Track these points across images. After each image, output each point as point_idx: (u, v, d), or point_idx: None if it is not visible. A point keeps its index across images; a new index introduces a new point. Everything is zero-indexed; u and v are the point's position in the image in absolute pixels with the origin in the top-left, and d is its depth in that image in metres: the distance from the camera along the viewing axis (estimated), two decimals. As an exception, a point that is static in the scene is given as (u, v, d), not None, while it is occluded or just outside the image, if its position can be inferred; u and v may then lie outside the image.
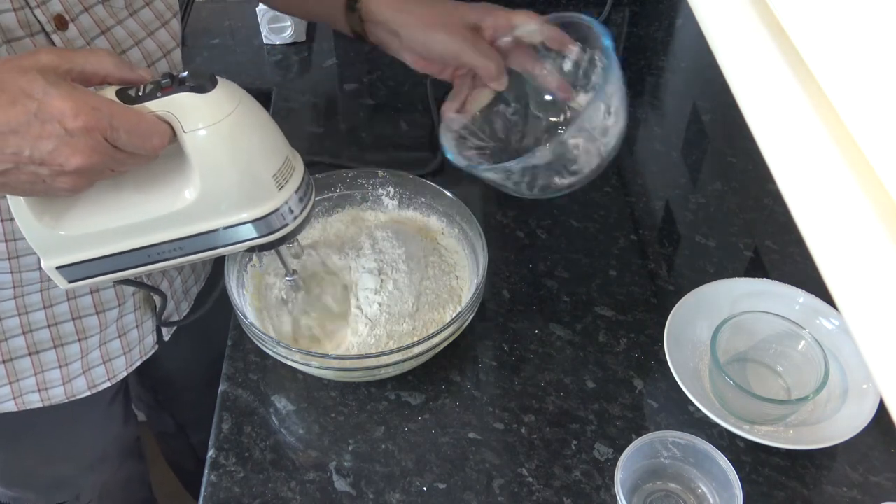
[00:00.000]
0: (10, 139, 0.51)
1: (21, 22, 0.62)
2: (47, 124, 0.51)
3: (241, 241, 0.63)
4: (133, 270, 0.64)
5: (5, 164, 0.52)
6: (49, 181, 0.53)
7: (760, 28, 0.38)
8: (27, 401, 0.84)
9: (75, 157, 0.52)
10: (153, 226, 0.60)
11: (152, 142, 0.54)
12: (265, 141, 0.60)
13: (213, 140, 0.56)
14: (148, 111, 0.54)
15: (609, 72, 0.71)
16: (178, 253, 0.63)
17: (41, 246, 0.61)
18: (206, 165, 0.57)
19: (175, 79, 0.55)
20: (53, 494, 1.02)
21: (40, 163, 0.52)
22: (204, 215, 0.60)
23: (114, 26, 0.70)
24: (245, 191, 0.60)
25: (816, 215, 0.32)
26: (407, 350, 0.74)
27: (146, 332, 0.90)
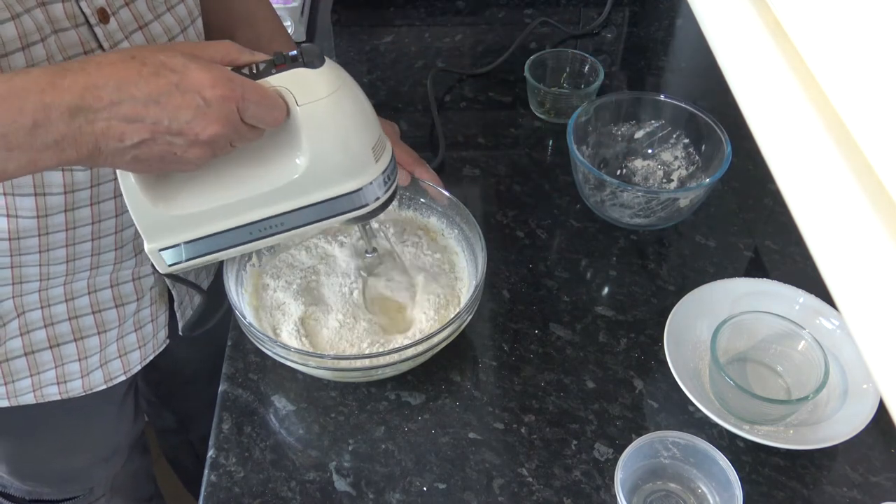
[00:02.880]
0: (151, 109, 0.53)
1: (68, 13, 0.64)
2: (187, 94, 0.54)
3: (339, 214, 0.66)
4: (231, 250, 0.67)
5: (143, 135, 0.54)
6: (180, 153, 0.56)
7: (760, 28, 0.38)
8: (46, 393, 0.84)
9: (211, 126, 0.55)
10: (260, 200, 0.63)
11: (274, 114, 0.58)
12: (367, 114, 0.64)
13: (325, 112, 0.60)
14: (269, 86, 0.58)
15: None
16: (280, 228, 0.66)
17: (150, 228, 0.64)
18: (316, 137, 0.61)
19: (287, 57, 0.59)
20: (67, 487, 1.03)
21: (177, 132, 0.54)
22: (310, 188, 0.63)
23: (151, 21, 0.72)
24: (349, 162, 0.63)
25: (816, 215, 0.32)
26: (404, 351, 0.74)
27: (159, 326, 0.91)
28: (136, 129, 0.54)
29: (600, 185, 0.92)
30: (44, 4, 0.62)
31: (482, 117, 1.15)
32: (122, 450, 1.04)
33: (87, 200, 0.73)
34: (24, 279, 0.76)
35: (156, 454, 1.30)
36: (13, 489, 1.00)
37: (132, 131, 0.54)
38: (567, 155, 0.97)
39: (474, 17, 1.34)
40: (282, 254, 0.87)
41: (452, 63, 1.23)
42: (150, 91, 0.53)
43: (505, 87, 1.19)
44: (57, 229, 0.73)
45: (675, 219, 0.95)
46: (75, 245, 0.75)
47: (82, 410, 0.92)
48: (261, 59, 0.60)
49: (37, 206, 0.70)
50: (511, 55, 1.22)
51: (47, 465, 0.99)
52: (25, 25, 0.61)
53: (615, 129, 1.03)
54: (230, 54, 0.59)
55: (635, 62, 1.28)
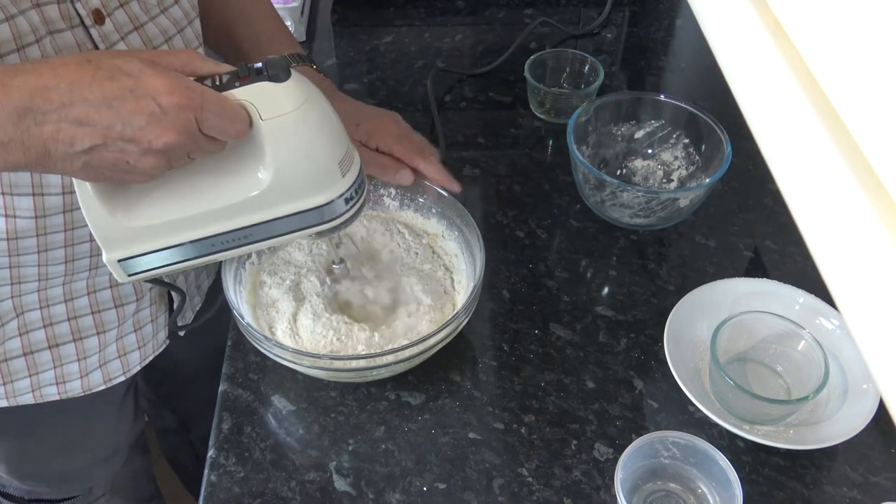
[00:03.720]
0: (103, 113, 0.52)
1: (63, 14, 0.64)
2: (142, 100, 0.52)
3: (304, 228, 0.65)
4: (195, 261, 0.65)
5: (94, 140, 0.53)
6: (133, 161, 0.54)
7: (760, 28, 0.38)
8: (45, 394, 0.84)
9: (166, 135, 0.53)
10: (222, 214, 0.62)
11: (235, 127, 0.56)
12: (333, 128, 0.62)
13: (289, 127, 0.58)
14: (232, 98, 0.56)
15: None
16: (243, 241, 0.64)
17: (107, 239, 0.62)
18: (281, 152, 0.59)
19: (251, 69, 0.58)
20: (66, 487, 1.03)
21: (130, 139, 0.53)
22: (274, 202, 0.62)
23: (146, 23, 0.72)
24: (314, 177, 0.62)
25: (816, 215, 0.32)
26: (400, 352, 0.73)
27: (159, 327, 0.91)
28: (86, 133, 0.52)
29: (600, 185, 0.92)
30: (38, 6, 0.62)
31: (482, 117, 1.15)
32: (121, 450, 1.04)
33: None
34: (23, 279, 0.76)
35: (156, 454, 1.30)
36: (12, 488, 1.00)
37: (83, 135, 0.52)
38: (567, 155, 0.97)
39: (474, 17, 1.34)
40: (280, 252, 0.87)
41: (452, 63, 1.23)
42: (103, 94, 0.51)
43: (505, 87, 1.19)
44: (55, 230, 0.73)
45: (675, 219, 0.95)
46: (74, 246, 0.75)
47: (82, 410, 0.92)
48: (224, 70, 0.58)
49: (35, 206, 0.70)
50: (511, 55, 1.22)
51: (47, 465, 0.99)
52: (20, 27, 0.60)
53: (615, 129, 1.03)
54: (192, 63, 0.57)
55: (635, 62, 1.28)
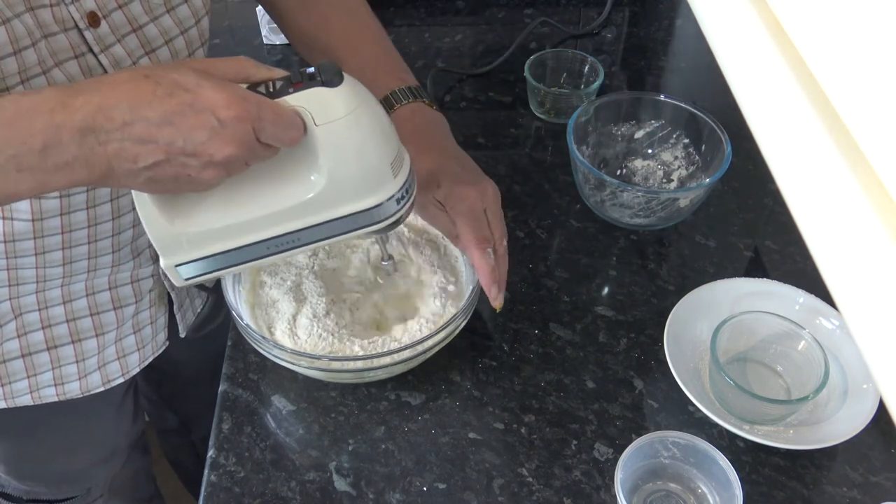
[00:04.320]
0: (164, 130, 0.52)
1: (56, 18, 0.64)
2: (202, 115, 0.52)
3: (356, 229, 0.65)
4: (247, 264, 0.66)
5: (157, 156, 0.53)
6: (195, 174, 0.55)
7: (760, 28, 0.38)
8: (43, 395, 0.84)
9: (226, 148, 0.53)
10: (276, 218, 0.63)
11: (291, 134, 0.57)
12: (385, 131, 0.63)
13: (343, 131, 0.59)
14: (286, 105, 0.57)
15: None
16: (296, 244, 0.65)
17: (165, 245, 0.63)
18: (334, 156, 0.60)
19: (304, 74, 0.58)
20: (65, 488, 1.03)
21: (191, 153, 0.53)
22: (327, 205, 0.63)
23: (147, 24, 0.71)
24: (367, 179, 0.62)
25: (816, 215, 0.32)
26: (398, 353, 0.74)
27: (159, 328, 0.91)
28: (149, 151, 0.53)
29: (600, 185, 0.92)
30: (32, 9, 0.61)
31: (482, 117, 1.14)
32: (120, 451, 1.04)
33: (84, 204, 0.72)
34: (21, 281, 0.76)
35: (156, 454, 1.30)
36: (11, 489, 1.00)
37: (146, 153, 0.53)
38: (567, 155, 0.97)
39: (474, 17, 1.34)
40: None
41: (452, 63, 1.23)
42: (163, 112, 0.52)
43: (505, 87, 1.19)
44: (52, 232, 0.73)
45: (675, 219, 0.95)
46: (72, 248, 0.75)
47: (80, 412, 0.92)
48: (277, 75, 0.59)
49: (32, 208, 0.70)
50: (511, 55, 1.22)
51: (45, 466, 0.99)
52: (16, 30, 0.60)
53: (615, 129, 1.03)
54: (245, 71, 0.58)
55: (635, 62, 1.28)
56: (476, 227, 0.73)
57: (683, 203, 0.91)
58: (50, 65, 0.63)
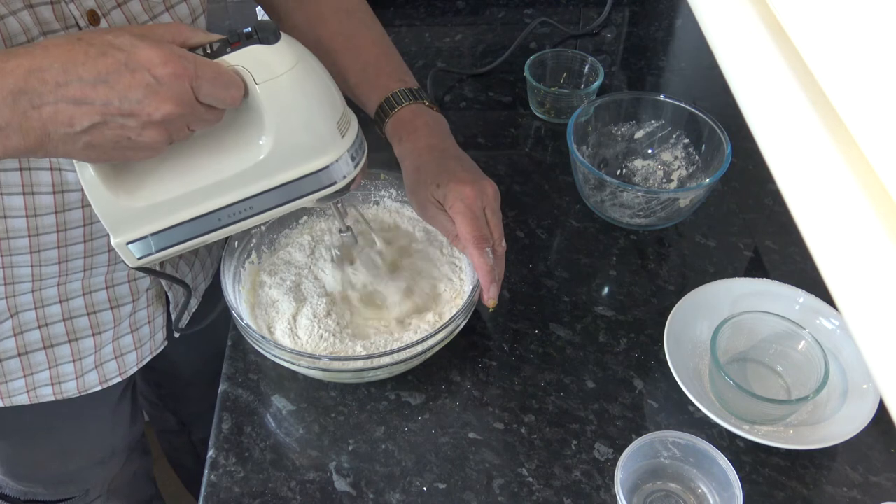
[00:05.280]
0: (99, 89, 0.52)
1: (56, 15, 0.64)
2: (137, 73, 0.52)
3: (308, 194, 0.65)
4: (203, 237, 0.65)
5: (93, 118, 0.52)
6: (134, 136, 0.54)
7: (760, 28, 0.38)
8: (40, 394, 0.84)
9: (164, 105, 0.53)
10: (226, 186, 0.62)
11: (231, 93, 0.56)
12: (329, 89, 0.62)
13: (284, 88, 0.58)
14: (226, 64, 0.56)
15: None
16: (248, 213, 0.64)
17: (114, 221, 0.62)
18: (278, 115, 0.59)
19: (241, 35, 0.58)
20: (63, 489, 1.02)
21: (129, 113, 0.53)
22: (276, 169, 0.62)
23: (146, 22, 0.71)
24: (314, 139, 0.62)
25: (816, 215, 0.32)
26: (398, 353, 0.73)
27: (157, 328, 0.90)
28: (85, 112, 0.52)
29: (600, 185, 0.92)
30: (31, 6, 0.61)
31: (482, 117, 1.15)
32: (118, 452, 1.04)
33: (79, 202, 0.72)
34: (17, 279, 0.75)
35: (156, 455, 1.30)
36: (9, 490, 1.00)
37: (81, 114, 0.52)
38: (567, 155, 0.97)
39: (474, 17, 1.34)
40: (281, 252, 0.87)
41: (452, 63, 1.23)
42: (97, 71, 0.51)
43: (505, 87, 1.19)
44: (48, 230, 0.72)
45: (675, 219, 0.95)
46: (67, 247, 0.75)
47: (78, 413, 0.91)
48: (214, 38, 0.58)
49: (25, 205, 0.70)
50: (511, 55, 1.22)
51: (43, 467, 0.99)
52: (10, 27, 0.60)
53: (615, 129, 1.03)
54: (182, 34, 0.57)
55: (635, 62, 1.28)
56: (475, 226, 0.73)
57: (683, 203, 0.91)
58: None
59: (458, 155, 0.79)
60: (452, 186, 0.74)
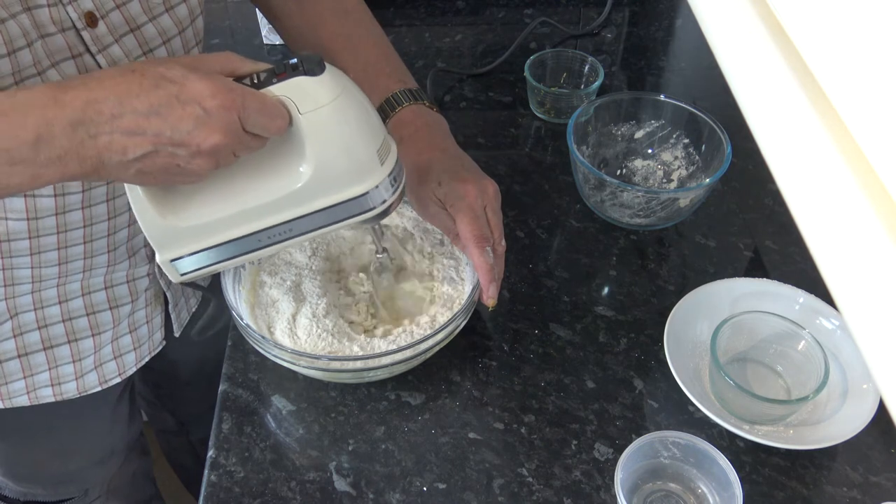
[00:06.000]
0: (152, 121, 0.53)
1: (54, 18, 0.64)
2: (188, 105, 0.54)
3: (347, 218, 0.66)
4: (244, 257, 0.67)
5: (145, 148, 0.54)
6: (184, 164, 0.56)
7: (760, 28, 0.38)
8: (40, 395, 0.84)
9: (213, 136, 0.54)
10: (267, 209, 0.64)
11: (276, 123, 0.58)
12: (370, 118, 0.64)
13: (327, 119, 0.60)
14: (271, 94, 0.58)
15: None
16: (287, 235, 0.66)
17: (160, 240, 0.64)
18: (320, 144, 0.61)
19: (287, 65, 0.59)
20: (62, 489, 1.03)
21: (179, 143, 0.54)
22: (316, 194, 0.63)
23: (145, 24, 0.71)
24: (354, 167, 0.63)
25: (816, 215, 0.32)
26: (397, 353, 0.73)
27: (155, 328, 0.90)
28: (138, 142, 0.54)
29: (600, 185, 0.92)
30: (29, 9, 0.62)
31: (482, 117, 1.15)
32: (117, 453, 1.04)
33: (79, 204, 0.72)
34: (17, 281, 0.75)
35: (156, 455, 1.30)
36: (8, 490, 1.00)
37: (134, 144, 0.54)
38: (567, 155, 0.97)
39: (474, 17, 1.34)
40: (281, 252, 0.87)
41: (452, 63, 1.23)
42: (150, 103, 0.53)
43: (505, 87, 1.19)
44: (48, 232, 0.73)
45: (675, 219, 0.95)
46: (67, 248, 0.75)
47: (77, 413, 0.91)
48: (262, 68, 0.60)
49: (27, 207, 0.70)
50: (511, 55, 1.22)
51: (42, 468, 0.99)
52: (11, 31, 0.60)
53: (615, 129, 1.03)
54: (230, 64, 0.59)
55: (635, 62, 1.28)
56: (476, 225, 0.73)
57: (683, 203, 0.91)
58: (46, 65, 0.63)
59: (459, 155, 0.79)
60: (454, 185, 0.74)
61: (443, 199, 0.74)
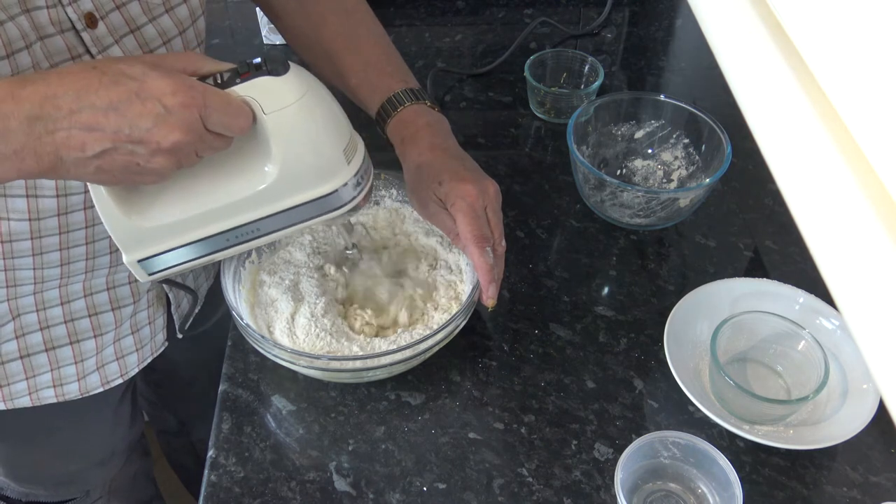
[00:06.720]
0: (111, 117, 0.53)
1: (53, 19, 0.64)
2: (147, 102, 0.53)
3: (314, 217, 0.66)
4: (212, 256, 0.67)
5: (104, 144, 0.54)
6: (143, 162, 0.55)
7: (760, 28, 0.38)
8: (42, 396, 0.84)
9: (172, 134, 0.54)
10: (233, 210, 0.64)
11: (239, 122, 0.57)
12: (336, 117, 0.64)
13: (292, 119, 0.59)
14: (234, 94, 0.57)
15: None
16: (255, 234, 0.66)
17: (125, 241, 0.64)
18: (285, 144, 0.60)
19: (251, 65, 0.59)
20: (63, 490, 1.03)
21: (138, 141, 0.54)
22: (282, 194, 0.63)
23: (145, 24, 0.71)
24: (320, 166, 0.63)
25: (816, 215, 0.32)
26: (397, 353, 0.73)
27: (157, 329, 0.90)
28: (96, 138, 0.53)
29: (600, 185, 0.92)
30: (28, 11, 0.61)
31: (482, 117, 1.15)
32: (119, 453, 1.04)
33: (81, 204, 0.72)
34: (19, 282, 0.75)
35: (156, 455, 1.30)
36: (10, 491, 1.00)
37: (92, 140, 0.53)
38: (567, 155, 0.97)
39: (474, 17, 1.34)
40: (281, 251, 0.87)
41: (452, 63, 1.23)
42: (109, 99, 0.53)
43: (505, 87, 1.19)
44: (50, 233, 0.73)
45: (675, 219, 0.96)
46: (69, 249, 0.75)
47: (78, 414, 0.92)
48: (225, 68, 0.59)
49: (29, 208, 0.70)
50: (511, 55, 1.22)
51: (44, 469, 0.99)
52: (10, 33, 0.60)
53: (615, 129, 1.03)
54: (193, 64, 0.58)
55: (635, 62, 1.28)
56: (476, 225, 0.73)
57: (683, 203, 0.91)
58: (45, 67, 0.63)
59: (460, 155, 0.79)
60: (454, 185, 0.74)
61: (443, 198, 0.74)
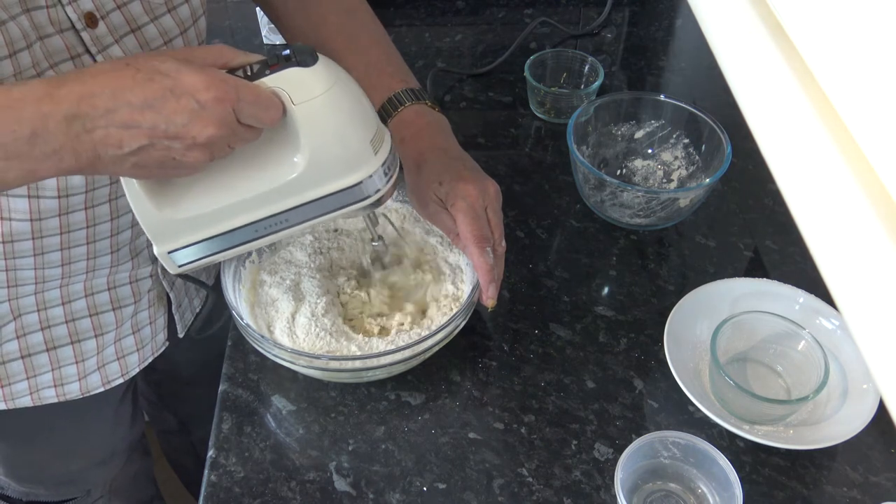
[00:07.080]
0: (147, 114, 0.54)
1: (52, 19, 0.64)
2: (182, 98, 0.54)
3: (341, 207, 0.66)
4: (241, 247, 0.67)
5: (140, 141, 0.54)
6: (179, 157, 0.56)
7: (760, 28, 0.38)
8: (43, 396, 0.84)
9: (207, 129, 0.55)
10: (262, 200, 0.64)
11: (270, 114, 0.58)
12: (364, 108, 0.64)
13: (321, 109, 0.60)
14: (264, 86, 0.58)
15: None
16: (284, 225, 0.66)
17: (157, 232, 0.65)
18: (314, 134, 0.61)
19: (280, 56, 0.59)
20: (64, 490, 1.03)
21: (174, 137, 0.55)
22: (311, 184, 0.64)
23: (146, 24, 0.71)
24: (348, 157, 0.63)
25: (816, 215, 0.32)
26: (397, 353, 0.73)
27: (158, 329, 0.90)
28: (133, 136, 0.54)
29: (600, 185, 0.92)
30: (28, 10, 0.62)
31: (482, 117, 1.15)
32: (119, 453, 1.04)
33: (82, 204, 0.73)
34: (20, 282, 0.76)
35: (157, 455, 1.30)
36: (11, 490, 1.00)
37: (130, 137, 0.54)
38: (567, 155, 0.97)
39: (474, 17, 1.34)
40: (281, 251, 0.87)
41: (452, 63, 1.23)
42: (144, 96, 0.53)
43: (505, 87, 1.19)
44: (51, 233, 0.73)
45: (675, 219, 0.96)
46: (70, 249, 0.75)
47: (79, 414, 0.92)
48: (254, 59, 0.60)
49: (30, 208, 0.70)
50: (511, 55, 1.22)
51: (44, 468, 0.99)
52: (12, 33, 0.60)
53: (615, 129, 1.03)
54: (223, 56, 0.59)
55: (635, 62, 1.28)
56: (476, 225, 0.73)
57: (683, 203, 0.91)
58: (45, 66, 0.63)
59: (461, 155, 0.79)
60: (455, 185, 0.74)
61: (444, 198, 0.74)
